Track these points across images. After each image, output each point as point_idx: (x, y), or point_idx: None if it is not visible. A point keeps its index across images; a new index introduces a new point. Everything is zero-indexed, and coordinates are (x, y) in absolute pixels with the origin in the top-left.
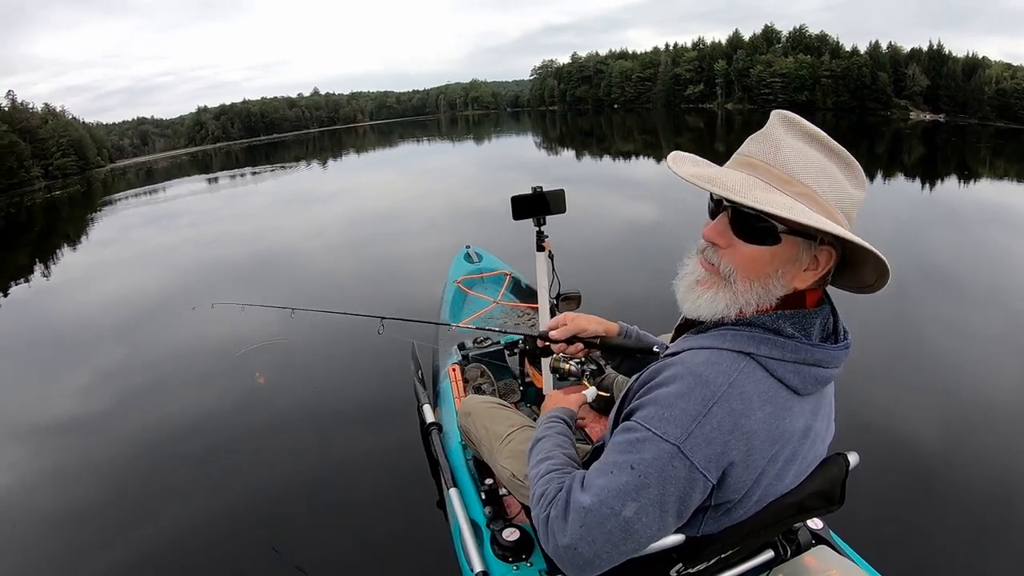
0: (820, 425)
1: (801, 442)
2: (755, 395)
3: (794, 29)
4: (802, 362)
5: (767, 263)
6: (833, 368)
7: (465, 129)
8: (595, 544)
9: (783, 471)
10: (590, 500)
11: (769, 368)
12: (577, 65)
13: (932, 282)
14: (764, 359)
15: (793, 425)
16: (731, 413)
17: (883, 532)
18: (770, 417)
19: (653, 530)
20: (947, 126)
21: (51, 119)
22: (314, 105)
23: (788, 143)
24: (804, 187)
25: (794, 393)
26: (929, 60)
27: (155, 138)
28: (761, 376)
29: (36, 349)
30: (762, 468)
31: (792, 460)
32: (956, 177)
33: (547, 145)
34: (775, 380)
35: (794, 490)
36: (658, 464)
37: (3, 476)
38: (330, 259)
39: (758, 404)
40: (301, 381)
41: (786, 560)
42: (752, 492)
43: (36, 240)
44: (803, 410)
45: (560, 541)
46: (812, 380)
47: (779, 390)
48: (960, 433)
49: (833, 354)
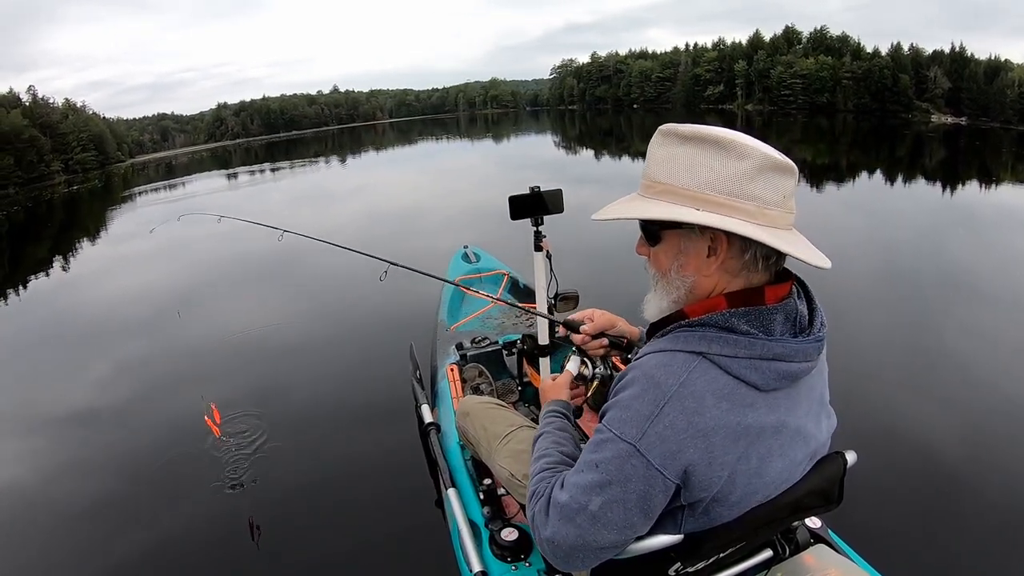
0: (801, 421)
1: (775, 438)
2: (708, 393)
3: (815, 30)
4: (758, 357)
5: (666, 259)
6: (801, 362)
7: (484, 128)
8: (569, 537)
9: (761, 468)
10: (564, 496)
11: (723, 366)
12: (597, 64)
13: (951, 285)
14: (717, 357)
15: (758, 421)
16: (684, 412)
17: (882, 531)
18: (727, 414)
19: (620, 526)
20: (969, 129)
21: (72, 114)
22: (334, 102)
23: (655, 152)
24: (663, 185)
25: (755, 389)
26: (951, 62)
27: (175, 134)
28: (715, 374)
29: (48, 343)
30: (732, 466)
31: (769, 457)
32: (977, 181)
33: (566, 145)
34: (731, 377)
35: (790, 489)
36: (618, 462)
37: (18, 467)
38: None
39: (712, 402)
40: (300, 381)
41: (784, 559)
42: (728, 491)
43: (56, 234)
44: (771, 405)
45: (543, 534)
46: (774, 375)
47: (737, 387)
48: (961, 434)
49: (796, 348)
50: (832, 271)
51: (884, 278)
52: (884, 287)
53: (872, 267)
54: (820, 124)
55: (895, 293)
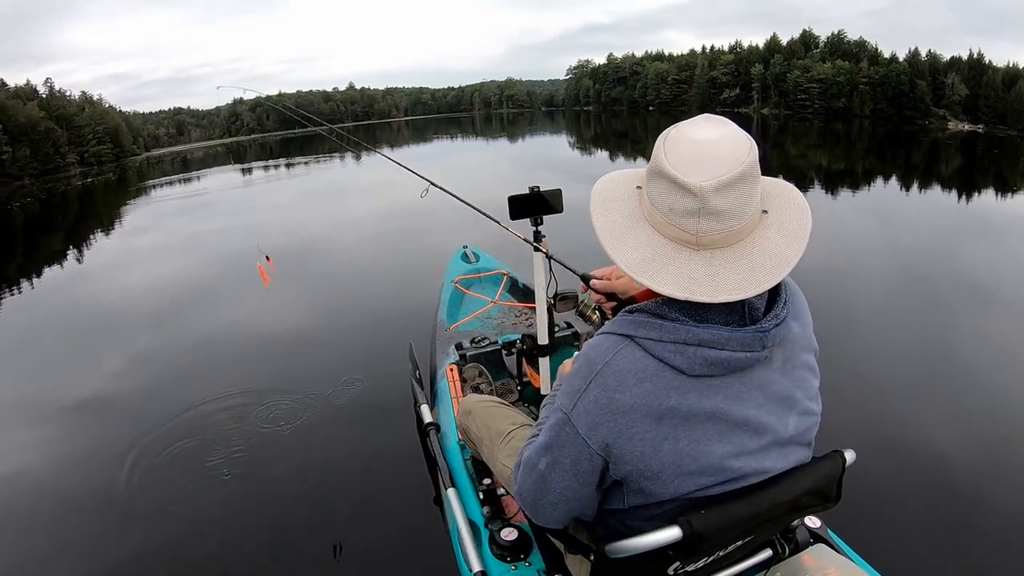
0: (751, 412)
1: (711, 424)
2: (630, 373)
3: (833, 34)
4: (683, 342)
5: None
6: (735, 351)
7: (499, 127)
8: (528, 492)
9: (695, 451)
10: (526, 455)
11: (648, 348)
12: (613, 66)
13: (963, 292)
14: (643, 340)
15: (685, 404)
16: (605, 389)
17: (882, 531)
18: (649, 395)
19: (560, 487)
20: (986, 137)
21: (88, 107)
22: (349, 99)
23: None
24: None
25: (680, 373)
26: (969, 69)
27: (191, 128)
28: (639, 356)
29: (62, 331)
30: (655, 445)
31: (704, 441)
32: (994, 189)
33: (581, 145)
34: (655, 360)
35: (788, 489)
36: (556, 429)
37: (25, 457)
38: (360, 250)
39: (633, 382)
40: (300, 381)
41: (784, 559)
42: (657, 469)
43: (71, 225)
44: (703, 391)
45: (513, 488)
46: (700, 361)
47: (661, 369)
48: (964, 437)
49: (729, 336)
50: (845, 275)
51: (896, 283)
52: (896, 292)
53: (885, 272)
54: (836, 129)
55: (907, 298)
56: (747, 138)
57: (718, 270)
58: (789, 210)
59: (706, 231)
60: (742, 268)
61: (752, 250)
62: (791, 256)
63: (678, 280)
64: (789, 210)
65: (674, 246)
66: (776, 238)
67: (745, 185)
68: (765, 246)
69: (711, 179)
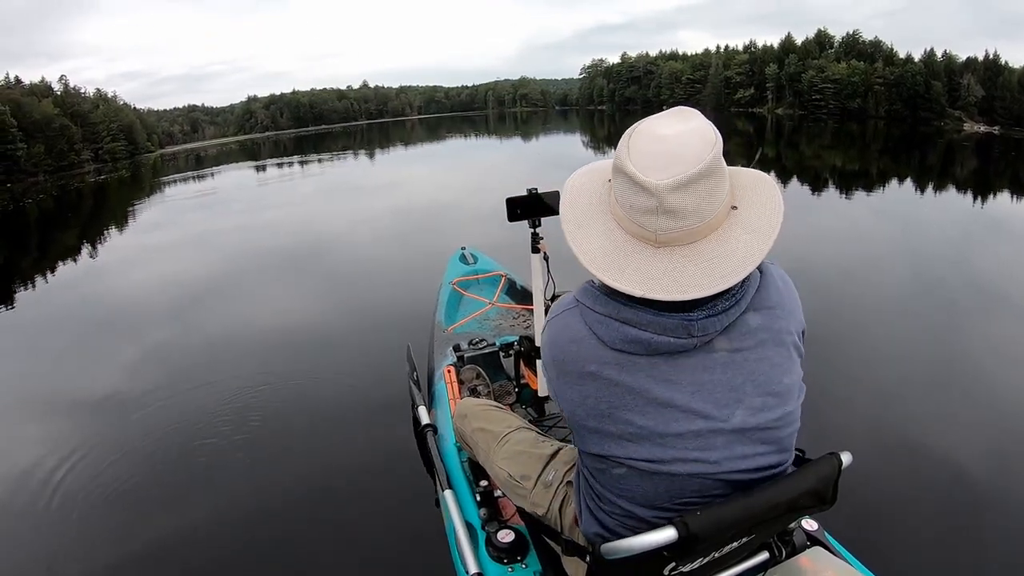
0: (683, 398)
1: (631, 397)
2: (563, 330)
3: (847, 34)
4: (607, 316)
5: None
6: (655, 334)
7: (513, 126)
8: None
9: (616, 417)
10: None
11: (582, 315)
12: (627, 65)
13: (974, 296)
14: (581, 307)
15: (605, 373)
16: (549, 340)
17: (879, 535)
18: (575, 356)
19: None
20: (1002, 139)
21: (102, 104)
22: (363, 97)
23: None
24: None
25: (602, 343)
26: (984, 70)
27: (205, 125)
28: (574, 320)
29: (71, 327)
30: (578, 402)
31: (624, 411)
32: (1010, 192)
33: (595, 145)
34: (585, 326)
35: (785, 488)
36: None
37: (34, 450)
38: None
39: (565, 339)
40: (298, 381)
41: (781, 561)
42: (586, 422)
43: (85, 221)
44: (626, 367)
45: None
46: (620, 336)
47: (588, 336)
48: (965, 441)
49: (650, 319)
50: (856, 276)
51: (907, 286)
52: (907, 295)
53: (896, 274)
54: (851, 129)
55: (917, 301)
56: (713, 134)
57: (678, 268)
58: (760, 207)
59: (665, 229)
60: (702, 267)
61: (715, 249)
62: (755, 256)
63: (634, 277)
64: (760, 207)
65: (634, 242)
66: (742, 236)
67: (707, 182)
68: (729, 245)
69: (668, 178)
